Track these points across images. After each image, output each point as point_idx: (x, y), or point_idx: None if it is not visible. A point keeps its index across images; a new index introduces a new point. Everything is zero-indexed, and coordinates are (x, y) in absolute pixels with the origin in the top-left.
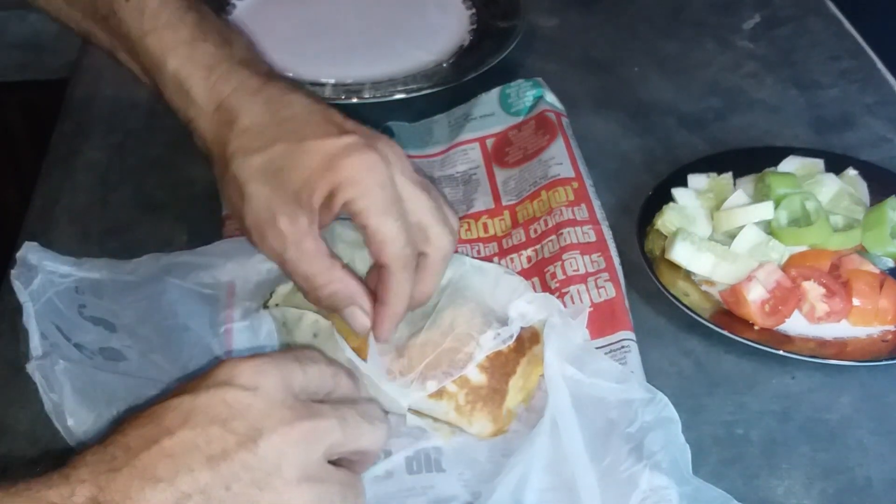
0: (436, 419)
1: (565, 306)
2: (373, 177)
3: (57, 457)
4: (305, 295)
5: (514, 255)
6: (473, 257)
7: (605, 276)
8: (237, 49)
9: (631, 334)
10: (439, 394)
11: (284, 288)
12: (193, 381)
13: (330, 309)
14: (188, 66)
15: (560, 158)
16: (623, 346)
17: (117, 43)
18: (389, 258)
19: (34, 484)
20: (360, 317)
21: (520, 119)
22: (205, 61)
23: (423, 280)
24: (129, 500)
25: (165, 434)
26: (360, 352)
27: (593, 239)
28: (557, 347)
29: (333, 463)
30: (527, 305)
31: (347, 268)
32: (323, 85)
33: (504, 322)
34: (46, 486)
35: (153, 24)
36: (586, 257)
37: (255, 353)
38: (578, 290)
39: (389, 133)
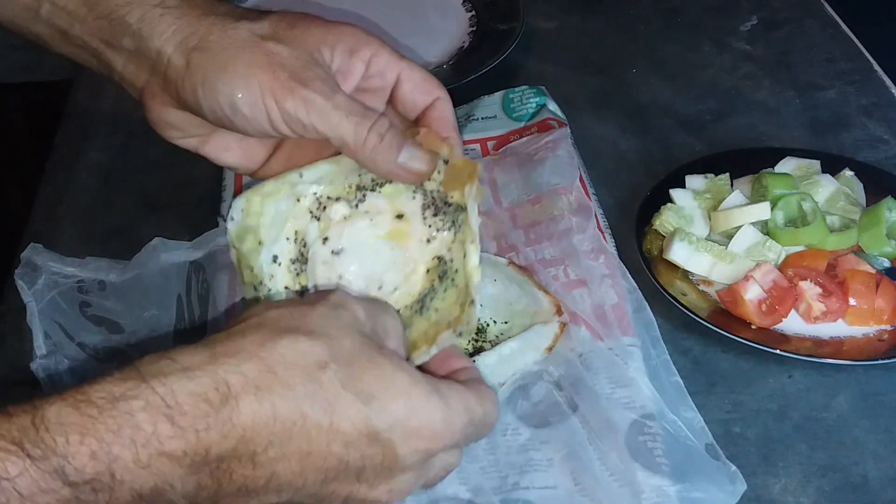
0: None
1: (567, 309)
2: (374, 36)
3: None
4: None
5: (513, 255)
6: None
7: (609, 281)
8: None
9: (634, 340)
10: None
11: None
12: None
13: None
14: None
15: (563, 167)
16: (626, 352)
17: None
18: (437, 84)
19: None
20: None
21: (521, 125)
22: None
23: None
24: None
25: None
26: None
27: (597, 245)
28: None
29: None
30: None
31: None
32: None
33: None
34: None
35: None
36: (589, 262)
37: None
38: (581, 294)
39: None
